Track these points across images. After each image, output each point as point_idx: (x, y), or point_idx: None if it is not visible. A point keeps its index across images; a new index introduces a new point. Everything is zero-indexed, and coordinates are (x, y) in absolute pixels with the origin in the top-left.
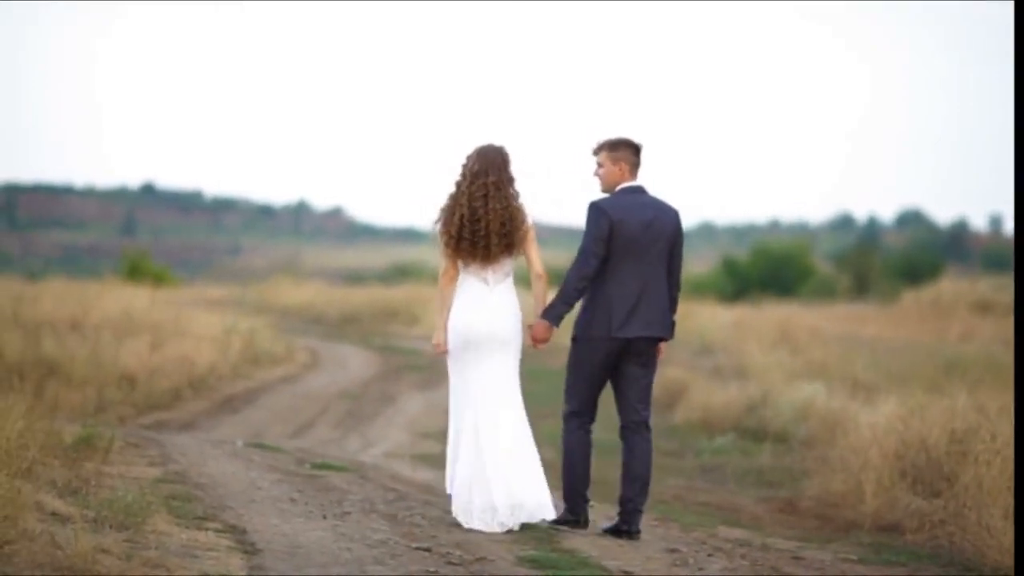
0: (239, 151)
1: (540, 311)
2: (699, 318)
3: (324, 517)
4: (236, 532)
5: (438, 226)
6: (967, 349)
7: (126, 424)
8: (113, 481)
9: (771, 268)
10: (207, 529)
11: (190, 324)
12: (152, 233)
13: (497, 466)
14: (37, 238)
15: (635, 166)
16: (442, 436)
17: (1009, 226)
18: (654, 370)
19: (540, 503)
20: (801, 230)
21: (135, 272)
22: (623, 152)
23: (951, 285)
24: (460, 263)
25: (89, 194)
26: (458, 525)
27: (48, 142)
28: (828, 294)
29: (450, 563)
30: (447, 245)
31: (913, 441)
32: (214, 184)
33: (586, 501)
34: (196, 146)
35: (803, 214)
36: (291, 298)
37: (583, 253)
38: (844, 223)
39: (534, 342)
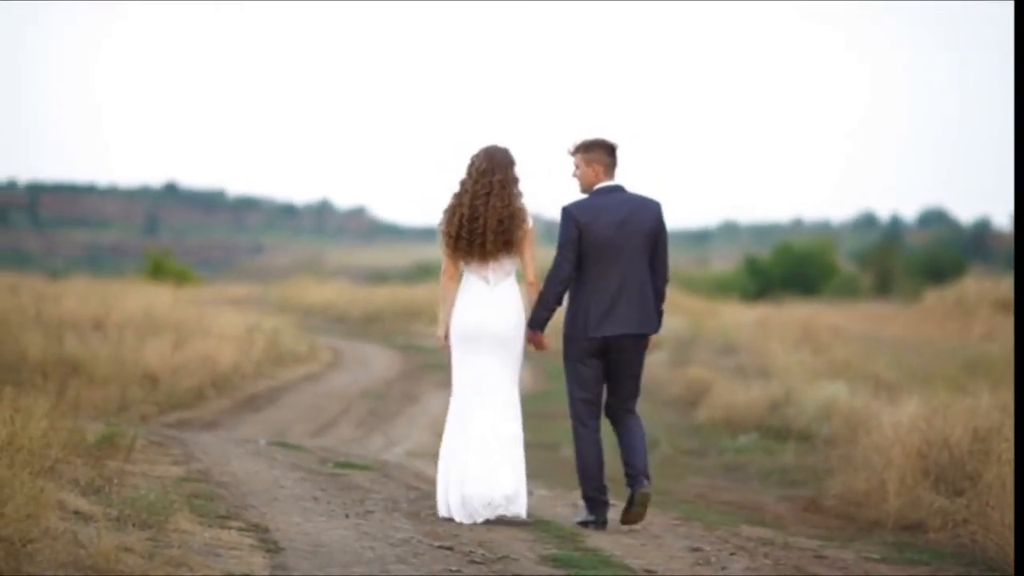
0: (262, 150)
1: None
2: (722, 317)
3: (347, 516)
4: (259, 531)
5: (440, 227)
6: (990, 348)
7: (149, 423)
8: (136, 480)
9: (794, 267)
10: (230, 528)
11: (212, 323)
12: (175, 232)
13: (482, 460)
14: (60, 237)
15: (610, 166)
16: None
17: None
18: (640, 364)
19: (513, 498)
20: (824, 229)
21: (158, 271)
22: (596, 153)
23: (974, 284)
24: (461, 262)
25: (112, 193)
26: (483, 524)
27: (71, 141)
28: (851, 293)
29: (472, 562)
30: (447, 245)
31: (936, 440)
32: (237, 183)
33: (605, 503)
34: (219, 145)
35: (826, 213)
36: (314, 297)
37: (557, 257)
38: (867, 222)
39: (536, 348)
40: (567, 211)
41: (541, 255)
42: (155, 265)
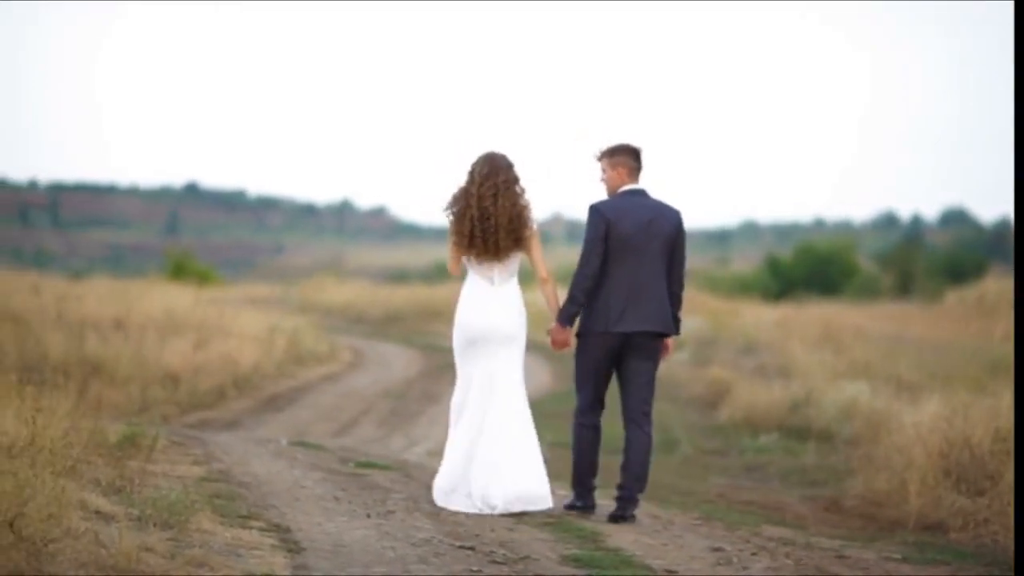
0: (282, 150)
1: (553, 313)
2: (743, 317)
3: (368, 516)
4: (280, 531)
5: (449, 218)
6: (1011, 348)
7: (170, 423)
8: (157, 480)
9: (815, 267)
10: (251, 528)
11: (234, 323)
12: (196, 232)
13: (497, 456)
14: (81, 237)
15: (634, 170)
16: None
17: None
18: (656, 365)
19: (540, 495)
20: (845, 229)
21: (179, 271)
22: (621, 158)
23: (995, 284)
24: (468, 261)
25: (133, 193)
26: (504, 524)
27: (92, 141)
28: (872, 293)
29: (494, 562)
30: (458, 244)
31: (957, 440)
32: (258, 183)
33: (592, 488)
34: (240, 145)
35: (847, 213)
36: (334, 297)
37: (584, 253)
38: (888, 222)
39: (554, 345)
40: (596, 209)
41: (561, 254)
42: (176, 265)
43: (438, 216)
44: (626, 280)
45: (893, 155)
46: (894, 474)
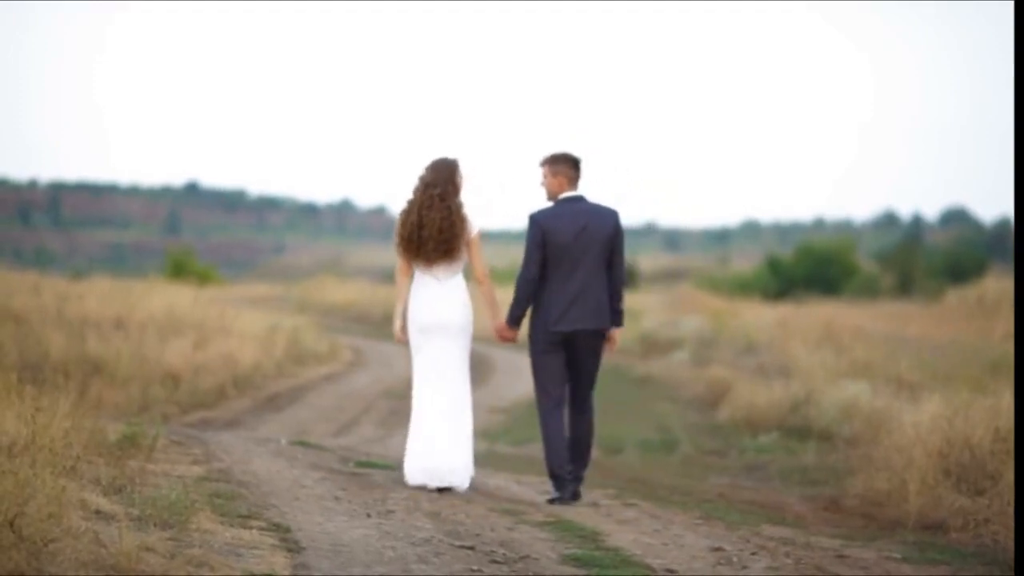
0: (283, 150)
1: (489, 311)
2: (743, 317)
3: (368, 515)
4: (280, 530)
5: (395, 229)
6: (1011, 348)
7: (170, 422)
8: (157, 479)
9: (815, 266)
10: (251, 527)
11: (234, 323)
12: (196, 232)
13: (435, 432)
14: (82, 237)
15: (573, 179)
16: (485, 435)
17: None
18: (599, 358)
19: (457, 467)
20: (845, 228)
21: (179, 271)
22: (561, 166)
23: (996, 283)
24: (412, 263)
25: (133, 193)
26: (504, 524)
27: (92, 141)
28: (872, 293)
29: (494, 561)
30: (399, 245)
31: (957, 440)
32: (258, 183)
33: (568, 479)
34: (240, 145)
35: (847, 212)
36: (335, 296)
37: (524, 261)
38: (888, 221)
39: (499, 339)
40: (533, 218)
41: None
42: (177, 265)
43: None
44: (566, 282)
45: (893, 155)
46: (894, 474)
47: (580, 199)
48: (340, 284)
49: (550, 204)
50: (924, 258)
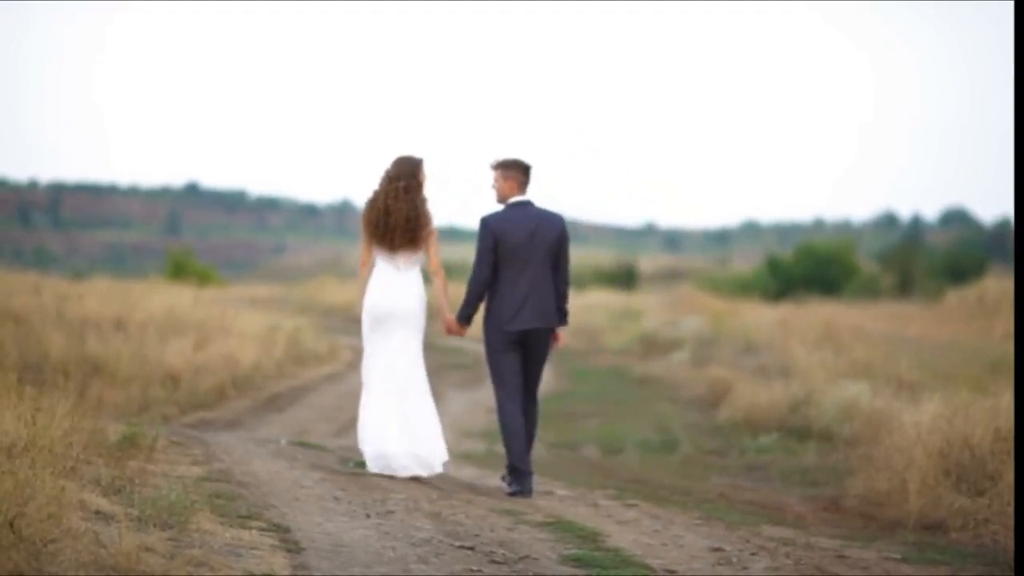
0: (283, 150)
1: (440, 303)
2: (743, 317)
3: (368, 516)
4: (280, 530)
5: (362, 216)
6: (1011, 348)
7: (170, 422)
8: (157, 480)
9: (815, 267)
10: (251, 528)
11: (234, 323)
12: (196, 232)
13: (398, 420)
14: (82, 237)
15: (523, 184)
16: (486, 435)
17: None
18: (546, 354)
19: (433, 451)
20: (845, 229)
21: (179, 271)
22: (513, 172)
23: (995, 283)
24: (375, 250)
25: (134, 193)
26: (504, 524)
27: (92, 141)
28: (872, 293)
29: (494, 562)
30: (365, 231)
31: (957, 440)
32: (258, 183)
33: (527, 473)
34: (240, 145)
35: (847, 213)
36: (335, 297)
37: (475, 263)
38: (888, 222)
39: (448, 332)
40: (484, 222)
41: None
42: (177, 265)
43: (437, 216)
44: (517, 284)
45: (893, 155)
46: (894, 474)
47: (529, 204)
48: (340, 284)
49: (500, 207)
50: (924, 258)
